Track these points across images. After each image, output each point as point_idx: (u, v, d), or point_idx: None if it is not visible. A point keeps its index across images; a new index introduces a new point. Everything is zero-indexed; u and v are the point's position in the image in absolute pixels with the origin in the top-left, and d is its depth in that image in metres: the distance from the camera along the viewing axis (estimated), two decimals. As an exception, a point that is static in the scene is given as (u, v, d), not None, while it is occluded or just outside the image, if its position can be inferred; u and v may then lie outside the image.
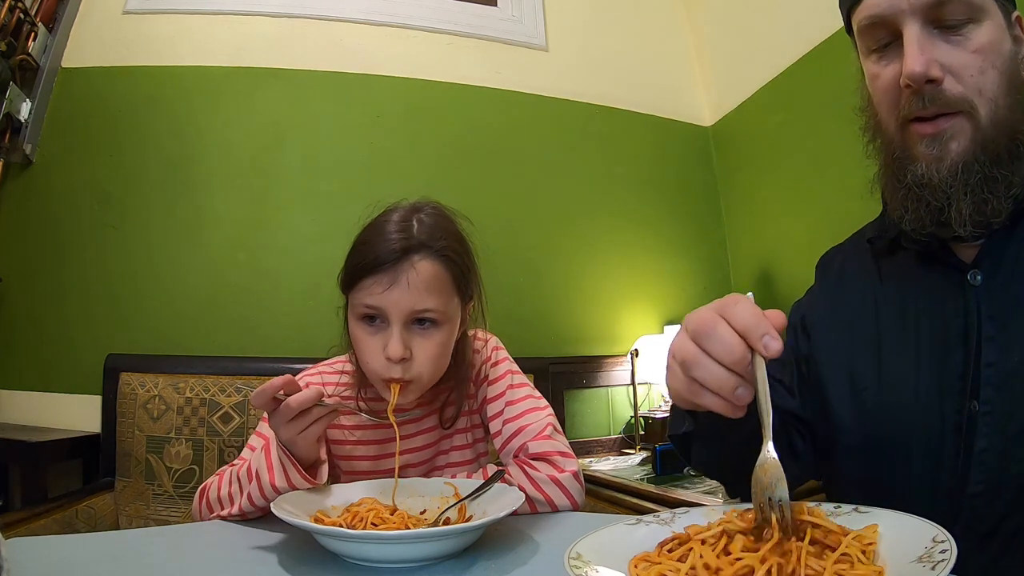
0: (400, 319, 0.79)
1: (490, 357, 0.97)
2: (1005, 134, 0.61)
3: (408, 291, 0.79)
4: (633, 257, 2.21)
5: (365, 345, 0.82)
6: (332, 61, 1.97)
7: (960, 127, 0.61)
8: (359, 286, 0.80)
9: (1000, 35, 0.62)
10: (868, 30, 0.65)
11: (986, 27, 0.61)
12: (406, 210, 0.86)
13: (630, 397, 2.10)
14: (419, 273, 0.79)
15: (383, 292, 0.78)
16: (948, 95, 0.60)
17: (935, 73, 0.60)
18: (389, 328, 0.80)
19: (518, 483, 0.81)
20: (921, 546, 0.42)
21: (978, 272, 0.63)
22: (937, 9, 0.60)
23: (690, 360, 0.50)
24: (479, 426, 0.98)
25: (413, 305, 0.79)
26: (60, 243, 1.71)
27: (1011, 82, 0.62)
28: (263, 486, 0.75)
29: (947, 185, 0.61)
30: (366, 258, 0.80)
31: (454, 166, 2.04)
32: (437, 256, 0.81)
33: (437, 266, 0.81)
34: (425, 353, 0.81)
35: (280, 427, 0.73)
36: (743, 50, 2.21)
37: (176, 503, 1.53)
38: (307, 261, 1.83)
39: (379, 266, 0.79)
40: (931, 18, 0.61)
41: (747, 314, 0.48)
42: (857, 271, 0.76)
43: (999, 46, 0.61)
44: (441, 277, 0.81)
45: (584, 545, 0.49)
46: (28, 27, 1.64)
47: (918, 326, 0.67)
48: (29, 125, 1.67)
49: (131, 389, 1.59)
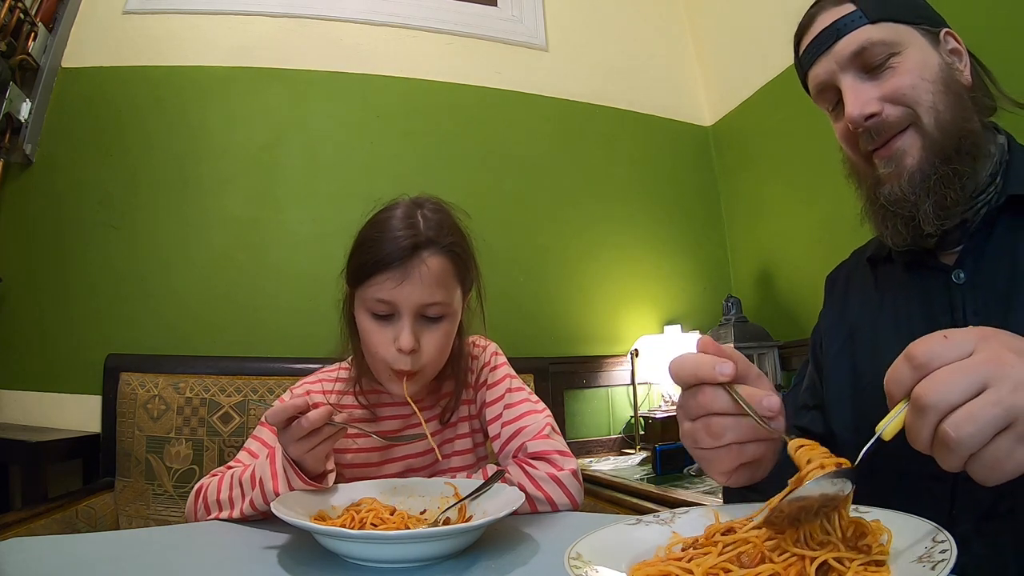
0: (411, 312, 0.83)
1: (489, 362, 0.98)
2: (952, 135, 0.67)
3: (420, 286, 0.82)
4: (633, 257, 2.21)
5: (375, 337, 0.84)
6: (332, 61, 1.97)
7: (910, 141, 0.69)
8: (370, 282, 0.83)
9: (924, 55, 0.70)
10: (819, 96, 0.76)
11: (908, 54, 0.69)
12: (408, 206, 0.88)
13: (630, 397, 2.10)
14: (429, 268, 0.82)
15: (395, 287, 0.81)
16: (890, 120, 0.68)
17: (871, 109, 0.68)
18: (399, 321, 0.83)
19: (517, 482, 0.81)
20: (921, 546, 0.42)
21: (961, 271, 0.68)
22: (859, 58, 0.70)
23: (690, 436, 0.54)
24: (479, 431, 0.99)
25: (424, 299, 0.83)
26: (60, 243, 1.71)
27: (948, 88, 0.68)
28: (267, 493, 0.75)
29: (910, 193, 0.68)
30: (377, 254, 0.82)
31: (454, 166, 2.04)
32: (444, 251, 0.84)
33: (444, 261, 0.84)
34: (432, 344, 0.85)
35: (291, 444, 0.73)
36: (743, 50, 2.21)
37: (176, 503, 1.53)
38: (307, 261, 1.83)
39: (391, 262, 0.82)
40: (858, 67, 0.70)
41: (687, 368, 0.53)
42: (859, 283, 0.83)
43: (926, 62, 0.69)
44: (448, 271, 0.85)
45: (584, 545, 0.49)
46: (28, 27, 1.64)
47: (911, 324, 0.72)
48: (29, 125, 1.67)
49: (131, 389, 1.59)
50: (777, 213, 2.07)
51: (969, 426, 0.38)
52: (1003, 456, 0.39)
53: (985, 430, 0.38)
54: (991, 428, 0.38)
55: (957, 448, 0.39)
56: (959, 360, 0.40)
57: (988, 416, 0.38)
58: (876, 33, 0.69)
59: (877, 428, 0.44)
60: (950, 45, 0.72)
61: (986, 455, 0.39)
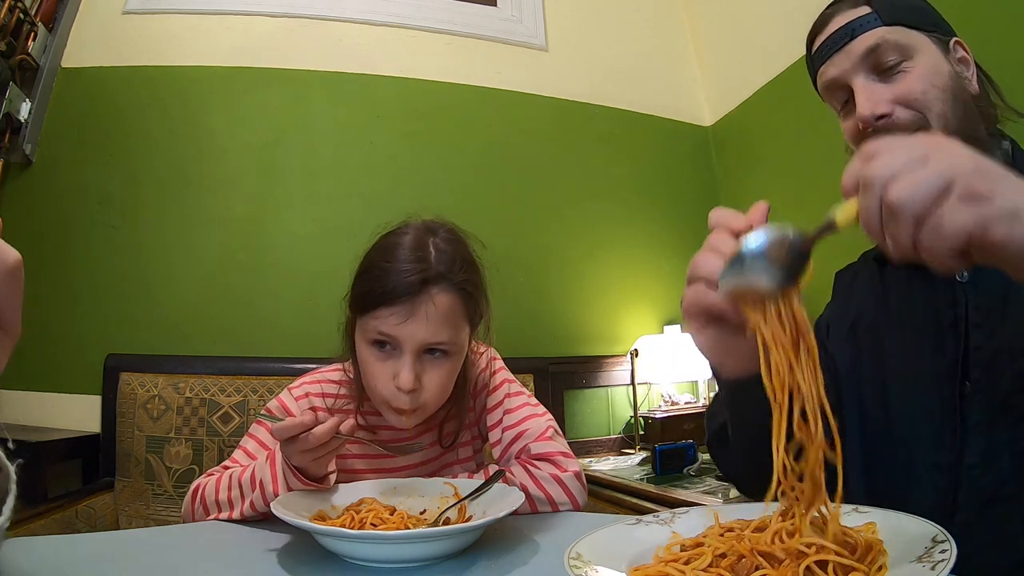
0: (413, 350, 0.79)
1: (487, 367, 0.97)
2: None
3: (425, 324, 0.78)
4: (633, 257, 2.21)
5: (375, 369, 0.81)
6: (332, 61, 1.97)
7: None
8: (374, 314, 0.79)
9: (936, 61, 0.71)
10: (829, 93, 0.77)
11: (920, 60, 0.70)
12: (420, 232, 0.83)
13: (630, 397, 2.10)
14: (437, 307, 0.78)
15: (399, 324, 0.77)
16: (900, 122, 0.69)
17: (882, 110, 0.69)
18: (401, 356, 0.79)
19: (520, 482, 0.81)
20: (921, 546, 0.42)
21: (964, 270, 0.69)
22: (872, 57, 0.71)
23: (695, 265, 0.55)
24: (479, 438, 0.99)
25: (429, 338, 0.79)
26: (60, 243, 1.71)
27: (956, 96, 0.70)
28: (267, 495, 0.75)
29: None
30: (383, 286, 0.78)
31: (453, 166, 2.04)
32: (454, 288, 0.80)
33: (454, 298, 0.80)
34: (434, 382, 0.81)
35: (295, 455, 0.72)
36: (743, 50, 2.21)
37: (176, 503, 1.53)
38: (307, 261, 1.83)
39: (396, 297, 0.77)
40: (870, 66, 0.71)
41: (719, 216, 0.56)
42: (865, 279, 0.84)
43: (937, 69, 0.70)
44: (457, 309, 0.81)
45: (584, 545, 0.49)
46: (28, 27, 1.63)
47: (914, 320, 0.74)
48: (29, 125, 1.67)
49: (131, 389, 1.59)
50: (777, 213, 2.06)
51: (908, 188, 0.40)
52: (947, 217, 0.40)
53: (924, 191, 0.40)
54: (930, 190, 0.40)
55: (901, 211, 0.40)
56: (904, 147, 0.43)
57: (926, 177, 0.40)
58: (890, 35, 0.71)
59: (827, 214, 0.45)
60: (959, 54, 0.73)
61: (931, 220, 0.40)
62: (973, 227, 0.39)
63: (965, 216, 0.39)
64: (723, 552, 0.45)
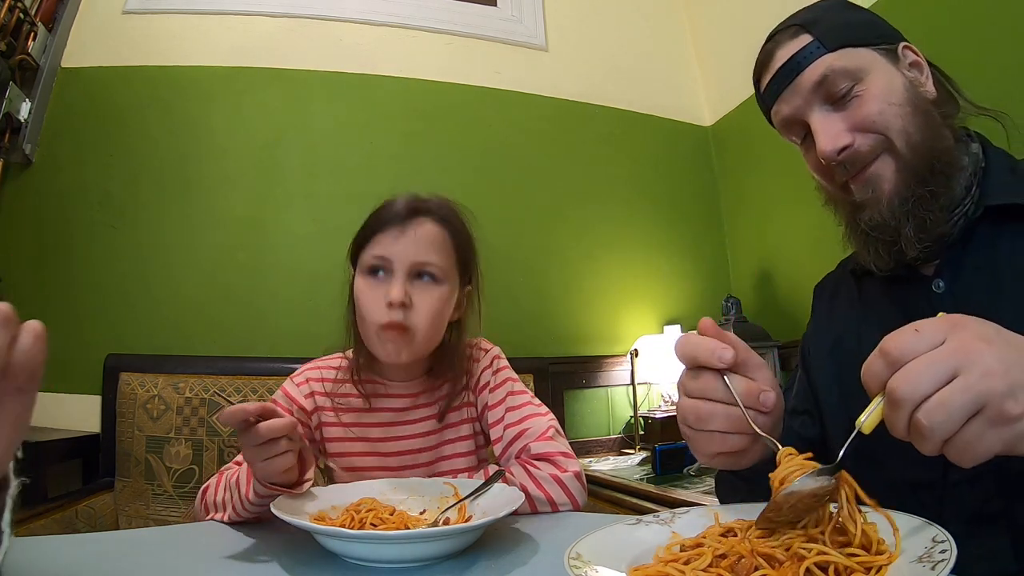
0: (403, 268, 0.86)
1: (490, 365, 0.98)
2: (925, 155, 0.67)
3: (413, 243, 0.87)
4: (633, 257, 2.21)
5: (368, 295, 0.87)
6: (332, 61, 1.97)
7: (885, 166, 0.69)
8: (370, 244, 0.88)
9: (888, 77, 0.69)
10: (786, 130, 0.76)
11: (871, 80, 0.69)
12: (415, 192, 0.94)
13: (630, 397, 2.10)
14: (426, 231, 0.88)
15: (391, 243, 0.87)
16: (863, 150, 0.69)
17: (843, 142, 0.68)
18: (392, 278, 0.86)
19: (520, 482, 0.81)
20: (921, 546, 0.42)
21: (940, 281, 0.69)
22: (822, 88, 0.69)
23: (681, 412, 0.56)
24: (480, 433, 0.99)
25: (416, 256, 0.87)
26: (60, 243, 1.71)
27: (915, 107, 0.68)
28: (241, 498, 0.75)
29: (890, 219, 0.68)
30: (379, 218, 0.89)
31: (453, 165, 2.04)
32: (441, 221, 0.90)
33: (441, 229, 0.90)
34: (424, 304, 0.87)
35: (245, 449, 0.70)
36: (743, 50, 2.19)
37: (176, 503, 1.53)
38: (307, 261, 1.83)
39: (389, 222, 0.88)
40: (822, 98, 0.70)
41: (688, 350, 0.54)
42: (844, 295, 0.84)
43: (891, 85, 0.69)
44: (444, 239, 0.90)
45: (584, 545, 0.49)
46: (28, 27, 1.64)
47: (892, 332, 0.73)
48: (29, 125, 1.67)
49: (131, 389, 1.59)
50: (777, 213, 2.07)
51: (940, 414, 0.40)
52: (974, 439, 0.40)
53: (955, 417, 0.40)
54: (961, 414, 0.40)
55: (930, 436, 0.41)
56: (930, 351, 0.42)
57: (958, 403, 0.40)
58: (837, 61, 0.69)
59: (857, 422, 0.45)
60: (909, 59, 0.72)
61: (959, 440, 0.40)
62: (1002, 449, 0.40)
63: (994, 440, 0.40)
64: (723, 552, 0.45)
